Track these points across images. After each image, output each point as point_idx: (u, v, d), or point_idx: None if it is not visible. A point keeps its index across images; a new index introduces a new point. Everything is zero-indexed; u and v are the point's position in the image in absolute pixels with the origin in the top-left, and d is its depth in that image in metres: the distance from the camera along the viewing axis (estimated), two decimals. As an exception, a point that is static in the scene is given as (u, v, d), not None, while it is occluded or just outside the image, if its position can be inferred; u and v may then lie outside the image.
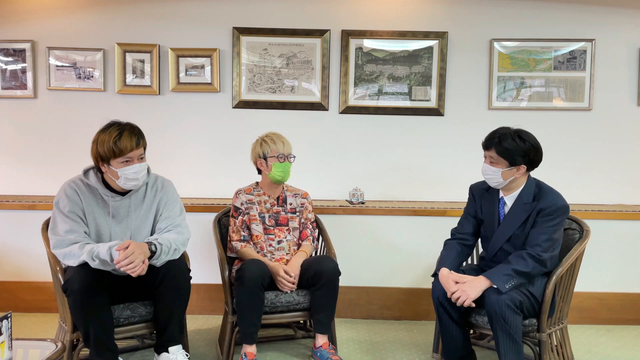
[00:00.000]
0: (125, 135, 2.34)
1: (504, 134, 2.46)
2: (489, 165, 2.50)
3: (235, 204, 2.88)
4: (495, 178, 2.49)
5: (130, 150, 2.33)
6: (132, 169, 2.35)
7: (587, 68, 3.60)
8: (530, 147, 2.45)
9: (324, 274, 2.65)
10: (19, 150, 3.67)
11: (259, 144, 2.88)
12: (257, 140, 2.93)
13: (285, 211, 2.92)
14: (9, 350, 1.81)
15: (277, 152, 2.84)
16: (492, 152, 2.46)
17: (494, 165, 2.47)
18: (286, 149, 2.86)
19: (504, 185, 2.51)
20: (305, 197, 3.00)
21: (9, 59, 3.62)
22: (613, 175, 3.65)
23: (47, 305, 3.37)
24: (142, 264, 2.25)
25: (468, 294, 2.34)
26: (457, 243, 2.66)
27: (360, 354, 2.91)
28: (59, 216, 2.36)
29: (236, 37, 3.59)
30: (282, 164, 2.83)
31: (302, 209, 2.96)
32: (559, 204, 2.44)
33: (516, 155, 2.43)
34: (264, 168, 2.88)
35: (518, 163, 2.45)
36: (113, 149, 2.31)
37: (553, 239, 2.41)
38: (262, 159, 2.86)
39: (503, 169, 2.46)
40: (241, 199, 2.88)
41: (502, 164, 2.45)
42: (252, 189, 2.94)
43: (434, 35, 3.58)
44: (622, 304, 3.40)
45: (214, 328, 3.23)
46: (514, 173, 2.47)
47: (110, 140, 2.32)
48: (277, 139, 2.87)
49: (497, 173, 2.47)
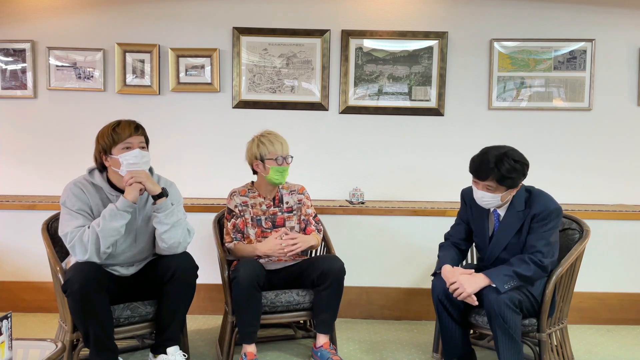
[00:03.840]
0: (124, 123, 2.40)
1: (500, 160, 2.33)
2: (485, 192, 2.41)
3: (229, 205, 2.82)
4: (493, 202, 2.44)
5: (129, 135, 2.36)
6: (132, 152, 2.36)
7: (587, 68, 3.59)
8: (525, 166, 2.38)
9: (331, 274, 2.63)
10: (19, 150, 3.67)
11: (256, 145, 2.77)
12: (253, 139, 2.82)
13: (282, 211, 2.87)
14: (9, 350, 1.82)
15: (276, 155, 2.74)
16: (490, 181, 2.36)
17: (491, 192, 2.40)
18: (284, 150, 2.77)
19: (500, 204, 2.48)
20: (302, 192, 2.92)
21: (9, 59, 3.62)
22: (613, 175, 3.65)
23: (47, 305, 3.37)
24: (142, 184, 2.34)
25: (465, 288, 2.34)
26: (452, 245, 2.66)
27: (360, 354, 2.91)
28: (68, 214, 2.36)
29: (236, 37, 3.59)
30: (280, 167, 2.75)
31: (300, 205, 2.90)
32: (551, 207, 2.41)
33: (516, 179, 2.37)
34: (260, 170, 2.79)
35: (516, 185, 2.41)
36: (112, 135, 2.36)
37: (551, 243, 2.40)
38: (258, 160, 2.76)
39: (502, 193, 2.41)
40: (235, 201, 2.81)
41: (501, 189, 2.39)
42: (246, 190, 2.86)
43: (434, 35, 3.58)
44: (622, 304, 3.40)
45: (214, 328, 3.23)
46: (511, 192, 2.44)
47: (109, 129, 2.39)
48: (274, 140, 2.76)
49: (496, 198, 2.41)
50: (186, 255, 2.50)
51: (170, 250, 2.45)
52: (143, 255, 2.53)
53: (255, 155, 2.77)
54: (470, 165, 2.44)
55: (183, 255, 2.48)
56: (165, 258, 2.47)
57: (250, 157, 2.81)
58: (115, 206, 2.31)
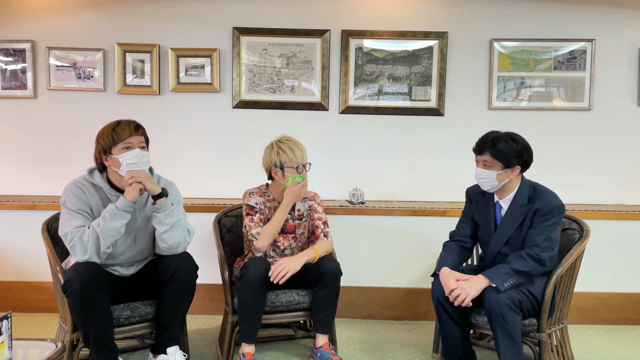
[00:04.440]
0: (124, 123, 2.40)
1: (496, 137, 2.47)
2: (482, 168, 2.50)
3: (249, 203, 2.74)
4: (490, 181, 2.49)
5: (129, 135, 2.36)
6: (132, 152, 2.36)
7: (587, 68, 3.60)
8: (523, 148, 2.47)
9: (327, 274, 2.63)
10: (19, 150, 3.67)
11: (275, 152, 2.71)
12: (271, 146, 2.76)
13: (293, 218, 2.83)
14: (9, 350, 1.81)
15: (296, 163, 2.69)
16: (486, 155, 2.47)
17: (488, 169, 2.48)
18: (304, 157, 2.73)
19: (499, 188, 2.51)
20: (314, 199, 2.87)
21: (9, 59, 3.62)
22: (613, 175, 3.65)
23: (47, 305, 3.37)
24: (142, 184, 2.34)
25: (467, 292, 2.34)
26: (456, 245, 2.67)
27: (360, 354, 2.91)
28: (68, 214, 2.35)
29: (236, 37, 3.59)
30: (300, 175, 2.71)
31: (310, 211, 2.86)
32: (554, 203, 2.44)
33: (511, 157, 2.44)
34: (279, 177, 2.73)
35: (512, 164, 2.46)
36: (112, 135, 2.35)
37: (551, 239, 2.42)
38: (278, 168, 2.71)
39: (498, 172, 2.46)
40: (255, 199, 2.76)
41: (497, 166, 2.46)
42: (262, 192, 2.82)
43: (434, 36, 3.58)
44: (622, 304, 3.40)
45: (214, 328, 3.23)
46: (508, 175, 2.48)
47: (109, 128, 2.39)
48: (295, 147, 2.71)
49: (492, 176, 2.47)
50: (186, 255, 2.49)
51: (170, 251, 2.45)
52: (143, 255, 2.53)
53: (275, 163, 2.72)
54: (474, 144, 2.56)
55: (183, 255, 2.48)
56: (165, 258, 2.47)
57: (269, 164, 2.75)
58: (115, 206, 2.31)
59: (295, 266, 2.59)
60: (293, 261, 2.60)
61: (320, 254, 2.70)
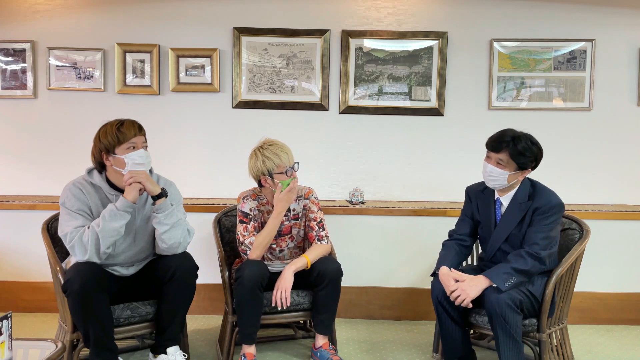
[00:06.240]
0: (127, 122, 2.40)
1: (517, 137, 2.41)
2: (495, 167, 2.45)
3: (244, 209, 2.69)
4: (500, 180, 2.46)
5: (134, 135, 2.37)
6: (138, 152, 2.36)
7: (587, 68, 3.60)
8: (539, 151, 2.44)
9: (327, 275, 2.62)
10: (19, 150, 3.66)
11: (261, 161, 2.59)
12: (254, 154, 2.64)
13: (289, 219, 2.78)
14: (9, 350, 1.81)
15: (284, 167, 2.60)
16: (503, 154, 2.41)
17: (501, 168, 2.43)
18: (291, 159, 2.63)
19: (505, 187, 2.50)
20: (308, 197, 2.79)
21: (9, 59, 3.62)
22: (613, 175, 3.65)
23: (47, 305, 3.37)
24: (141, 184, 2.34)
25: (468, 293, 2.34)
26: (455, 244, 2.66)
27: (360, 354, 2.91)
28: (67, 214, 2.35)
29: (236, 37, 3.59)
30: (290, 178, 2.62)
31: (305, 211, 2.81)
32: (553, 202, 2.44)
33: (528, 160, 2.41)
34: (269, 184, 2.64)
35: (526, 167, 2.43)
36: (117, 135, 2.34)
37: (550, 237, 2.42)
38: (267, 176, 2.62)
39: (511, 172, 2.43)
40: (249, 204, 2.71)
41: (512, 167, 2.42)
42: (256, 195, 2.77)
43: (434, 35, 3.58)
44: (622, 304, 3.40)
45: (214, 328, 3.23)
46: (518, 176, 2.46)
47: (113, 128, 2.36)
48: (279, 152, 2.60)
49: (504, 175, 2.43)
50: (186, 255, 2.49)
51: (170, 251, 2.45)
52: (143, 255, 2.54)
53: (262, 172, 2.62)
54: (488, 140, 2.49)
55: (183, 255, 2.48)
56: (165, 258, 2.47)
57: (256, 173, 2.65)
58: (115, 206, 2.31)
59: (289, 283, 2.56)
60: (286, 279, 2.56)
61: (312, 260, 2.65)
